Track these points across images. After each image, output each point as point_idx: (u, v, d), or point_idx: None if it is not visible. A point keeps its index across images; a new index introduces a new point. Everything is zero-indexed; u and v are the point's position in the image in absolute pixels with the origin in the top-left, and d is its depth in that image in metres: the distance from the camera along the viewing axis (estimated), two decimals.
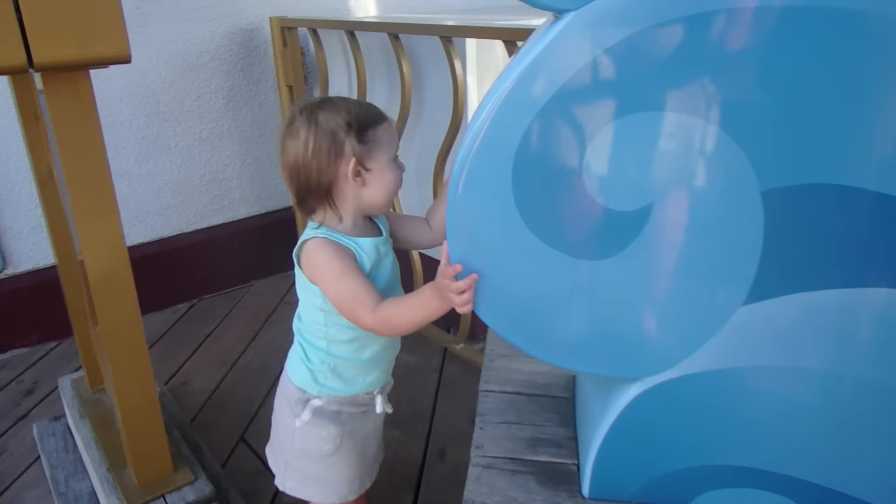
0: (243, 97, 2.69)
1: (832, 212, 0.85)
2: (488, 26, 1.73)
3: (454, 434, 1.88)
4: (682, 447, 1.01)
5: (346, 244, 1.08)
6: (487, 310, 0.95)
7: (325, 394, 1.15)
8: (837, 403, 0.95)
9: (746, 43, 0.80)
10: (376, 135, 1.07)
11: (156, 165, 2.55)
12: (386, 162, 1.08)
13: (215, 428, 1.92)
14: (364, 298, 1.03)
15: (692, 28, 0.80)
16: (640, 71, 0.82)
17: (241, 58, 2.64)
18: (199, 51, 2.53)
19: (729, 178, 0.85)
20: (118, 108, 2.41)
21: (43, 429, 1.82)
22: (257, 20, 2.63)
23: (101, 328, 1.29)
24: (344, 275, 1.05)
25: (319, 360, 1.14)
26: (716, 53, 0.80)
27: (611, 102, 0.83)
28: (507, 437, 1.19)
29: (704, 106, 0.82)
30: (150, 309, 2.59)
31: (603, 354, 0.96)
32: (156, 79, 2.47)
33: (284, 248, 2.88)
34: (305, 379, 1.16)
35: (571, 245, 0.90)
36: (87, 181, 1.19)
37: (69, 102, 1.14)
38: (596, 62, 0.82)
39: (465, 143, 0.88)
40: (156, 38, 2.43)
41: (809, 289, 0.90)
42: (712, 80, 0.81)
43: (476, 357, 2.18)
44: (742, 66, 0.81)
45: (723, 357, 0.94)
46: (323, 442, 1.18)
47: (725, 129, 0.83)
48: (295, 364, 1.18)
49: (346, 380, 1.15)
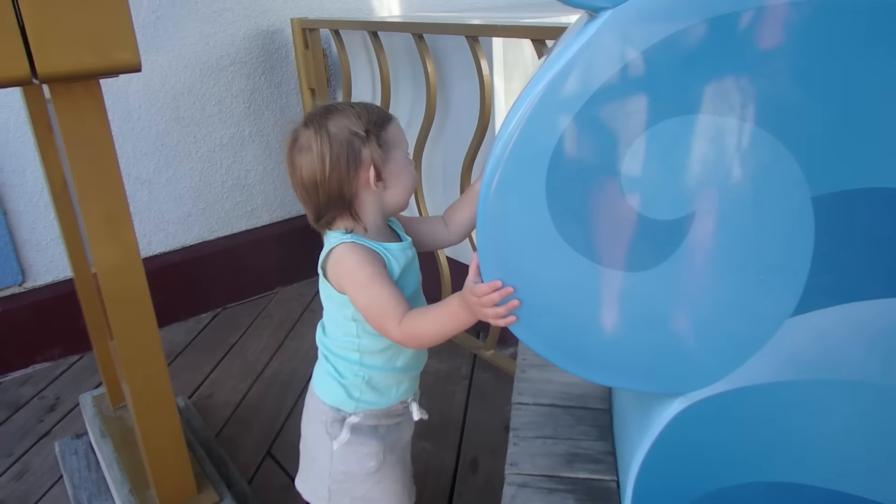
0: (265, 101, 2.69)
1: (885, 217, 0.83)
2: (516, 25, 1.71)
3: (486, 444, 1.87)
4: (727, 464, 0.99)
5: (374, 248, 1.07)
6: (521, 325, 0.94)
7: (361, 409, 1.14)
8: (889, 418, 0.92)
9: (794, 41, 0.77)
10: (389, 135, 1.07)
11: (176, 172, 2.57)
12: (403, 160, 1.09)
13: (241, 442, 1.92)
14: (393, 308, 1.02)
15: (736, 26, 0.77)
16: (680, 72, 0.79)
17: (262, 60, 2.65)
18: (218, 54, 2.54)
19: (778, 185, 0.82)
20: (137, 115, 2.43)
21: (65, 447, 1.84)
22: (278, 22, 2.64)
23: (118, 344, 1.29)
24: (374, 281, 1.03)
25: (353, 373, 1.13)
26: (761, 52, 0.78)
27: (650, 106, 0.81)
28: (543, 454, 1.17)
29: (750, 109, 0.79)
30: (174, 319, 2.61)
31: (644, 370, 0.94)
32: (175, 84, 2.48)
33: (309, 254, 2.90)
34: (339, 396, 1.14)
35: (608, 256, 0.88)
36: (98, 194, 1.19)
37: (78, 113, 1.13)
38: (634, 63, 0.79)
39: (496, 148, 0.86)
40: (175, 43, 2.44)
41: (861, 298, 0.87)
42: (758, 81, 0.79)
43: (507, 363, 2.17)
44: (789, 65, 0.78)
45: (770, 371, 0.92)
46: (366, 460, 1.16)
47: (773, 133, 0.80)
48: (325, 382, 1.16)
49: (381, 391, 1.14)
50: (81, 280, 1.70)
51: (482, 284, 0.91)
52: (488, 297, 0.91)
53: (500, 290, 0.90)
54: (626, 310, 0.91)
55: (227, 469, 1.68)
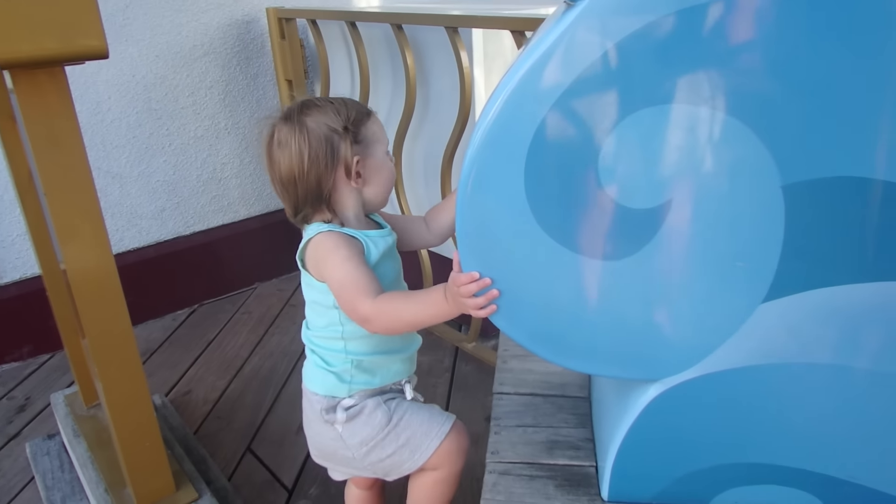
0: (241, 92, 2.72)
1: (854, 205, 0.87)
2: (496, 16, 1.75)
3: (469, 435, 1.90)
4: (702, 447, 1.04)
5: (353, 235, 1.11)
6: (501, 315, 0.98)
7: (355, 390, 1.17)
8: (859, 399, 0.97)
9: (763, 31, 0.81)
10: (368, 131, 1.11)
11: (149, 166, 2.58)
12: (382, 156, 1.13)
13: (221, 439, 1.96)
14: (366, 285, 1.06)
15: (707, 16, 0.81)
16: (655, 62, 0.83)
17: (238, 51, 2.67)
18: (192, 44, 2.56)
19: (749, 173, 0.87)
20: (107, 107, 2.44)
21: (37, 448, 1.84)
22: (254, 11, 2.66)
23: (90, 341, 1.29)
24: (348, 261, 1.07)
25: (340, 361, 1.17)
26: (732, 43, 0.82)
27: (625, 95, 0.85)
28: (524, 441, 1.22)
29: (722, 98, 0.84)
30: (150, 316, 2.63)
31: (622, 357, 0.99)
32: (147, 74, 2.49)
33: (287, 249, 2.91)
34: (331, 384, 1.18)
35: (586, 245, 0.92)
36: (66, 187, 1.17)
37: (42, 102, 1.10)
38: (611, 53, 0.83)
39: (475, 139, 0.90)
40: (146, 32, 2.45)
41: (831, 284, 0.92)
42: (730, 71, 0.83)
43: (489, 355, 2.22)
44: (760, 56, 0.82)
45: (743, 355, 0.97)
46: (371, 418, 1.18)
47: (745, 122, 0.84)
48: (315, 374, 1.20)
49: (373, 372, 1.18)
50: (50, 277, 1.68)
51: (461, 274, 0.96)
52: (466, 287, 0.95)
53: (478, 280, 0.95)
54: (603, 298, 0.95)
55: (206, 466, 1.71)
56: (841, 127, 0.84)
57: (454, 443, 1.22)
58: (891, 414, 0.97)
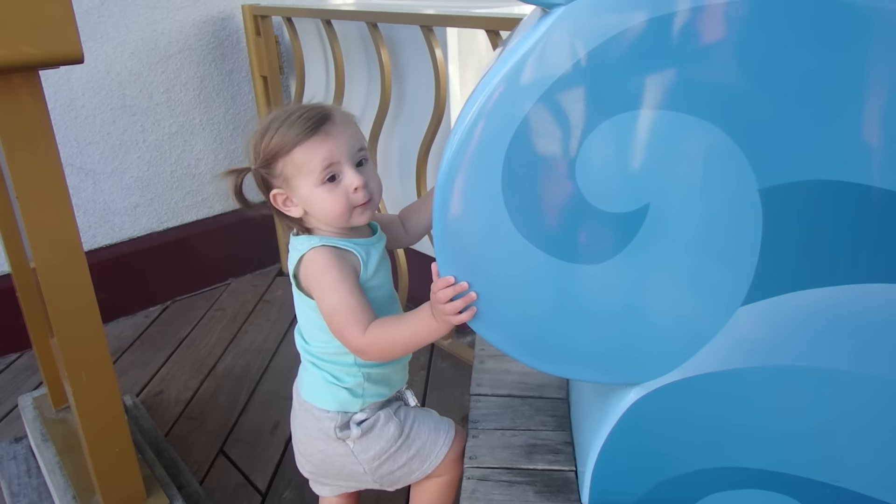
0: (215, 89, 2.66)
1: (832, 208, 0.86)
2: (471, 15, 1.72)
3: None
4: (683, 451, 1.02)
5: (346, 247, 1.06)
6: (478, 319, 0.95)
7: (368, 402, 1.14)
8: (839, 400, 0.96)
9: (742, 37, 0.79)
10: (290, 163, 1.03)
11: (123, 162, 2.52)
12: (310, 188, 1.03)
13: (193, 441, 1.90)
14: (358, 314, 1.01)
15: (682, 22, 0.79)
16: (631, 68, 0.81)
17: (213, 47, 2.61)
18: (167, 41, 2.50)
19: (727, 178, 0.85)
20: (80, 104, 2.38)
21: (3, 452, 1.78)
22: (229, 8, 2.60)
23: (59, 341, 1.25)
24: (341, 284, 1.03)
25: (352, 375, 1.12)
26: (708, 49, 0.80)
27: (603, 101, 0.82)
28: (502, 446, 1.19)
29: (699, 104, 0.82)
30: (121, 314, 2.57)
31: (602, 361, 0.96)
32: (121, 71, 2.43)
33: (262, 245, 2.90)
34: (344, 399, 1.13)
35: (564, 249, 0.89)
36: (37, 187, 1.15)
37: (15, 106, 1.09)
38: (587, 59, 0.81)
39: (452, 143, 0.87)
40: (120, 29, 2.39)
41: (809, 287, 0.90)
42: (706, 77, 0.81)
43: (465, 352, 2.19)
44: (735, 61, 0.81)
45: (723, 359, 0.95)
46: (384, 431, 1.14)
47: (722, 127, 0.82)
48: (323, 390, 1.14)
49: (384, 382, 1.15)
50: (20, 275, 1.65)
51: (437, 280, 0.92)
52: (443, 292, 0.91)
53: (455, 286, 0.91)
54: (581, 302, 0.92)
55: (177, 470, 1.66)
56: (817, 131, 0.83)
57: (458, 448, 1.20)
58: (870, 416, 0.96)
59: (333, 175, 1.03)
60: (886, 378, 0.93)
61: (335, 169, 1.03)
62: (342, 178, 1.03)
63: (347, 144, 1.03)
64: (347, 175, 1.03)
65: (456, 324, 0.94)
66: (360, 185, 1.02)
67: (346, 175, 1.03)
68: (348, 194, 1.03)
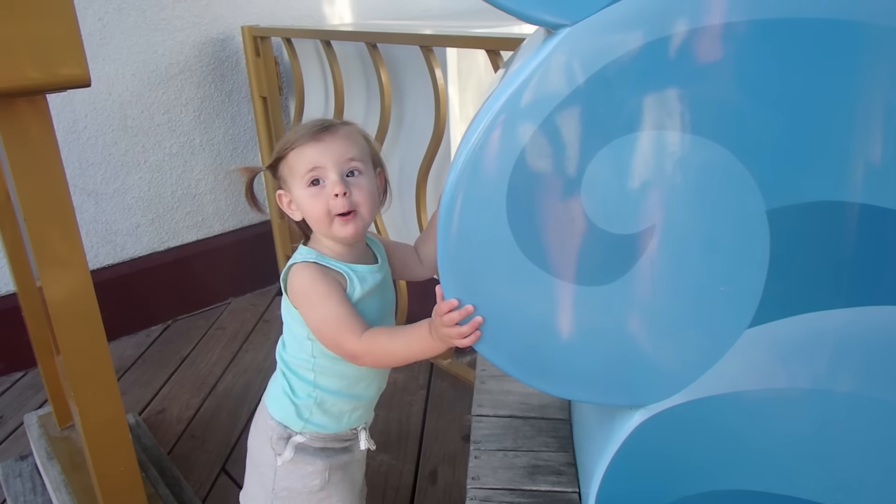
0: (215, 109, 2.64)
1: (839, 230, 0.84)
2: (470, 35, 1.71)
3: (446, 455, 1.85)
4: (689, 474, 1.00)
5: (337, 268, 1.04)
6: (483, 342, 0.92)
7: (308, 430, 1.12)
8: (844, 423, 0.93)
9: (745, 57, 0.78)
10: (286, 165, 1.05)
11: (124, 183, 2.50)
12: (298, 190, 1.04)
13: (195, 459, 1.87)
14: (351, 323, 1.00)
15: (691, 44, 0.77)
16: (635, 89, 0.79)
17: (213, 69, 2.60)
18: (167, 62, 2.49)
19: (734, 199, 0.83)
20: (83, 125, 2.36)
21: (8, 469, 1.76)
22: (229, 29, 2.59)
23: (64, 361, 1.24)
24: (328, 298, 1.01)
25: (306, 393, 1.11)
26: (713, 71, 0.78)
27: (607, 123, 0.81)
28: (504, 466, 1.16)
29: (706, 124, 0.80)
30: (123, 333, 2.54)
31: (607, 383, 0.94)
32: (122, 92, 2.42)
33: (262, 264, 2.88)
34: (288, 413, 1.12)
35: (569, 271, 0.87)
36: (44, 210, 1.14)
37: (23, 130, 1.08)
38: (591, 81, 0.79)
39: (457, 165, 0.85)
40: (122, 51, 2.38)
41: (816, 309, 0.88)
42: (711, 98, 0.79)
43: (464, 372, 2.16)
44: (741, 81, 0.79)
45: (729, 381, 0.92)
46: (310, 478, 1.14)
47: (729, 148, 0.81)
48: (277, 397, 1.14)
49: (333, 416, 1.12)
50: (26, 294, 1.64)
51: (442, 303, 0.90)
52: (449, 316, 0.89)
53: (460, 308, 0.89)
54: (587, 324, 0.90)
55: (180, 489, 1.63)
56: (822, 153, 0.81)
57: None
58: (876, 439, 0.94)
59: (317, 179, 1.03)
60: (892, 401, 0.91)
61: (319, 174, 1.02)
62: (325, 184, 1.02)
63: (337, 152, 1.03)
64: (330, 180, 1.02)
65: (459, 346, 0.92)
66: (341, 192, 1.01)
67: (329, 181, 1.02)
68: (329, 200, 1.02)
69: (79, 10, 1.02)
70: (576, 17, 0.77)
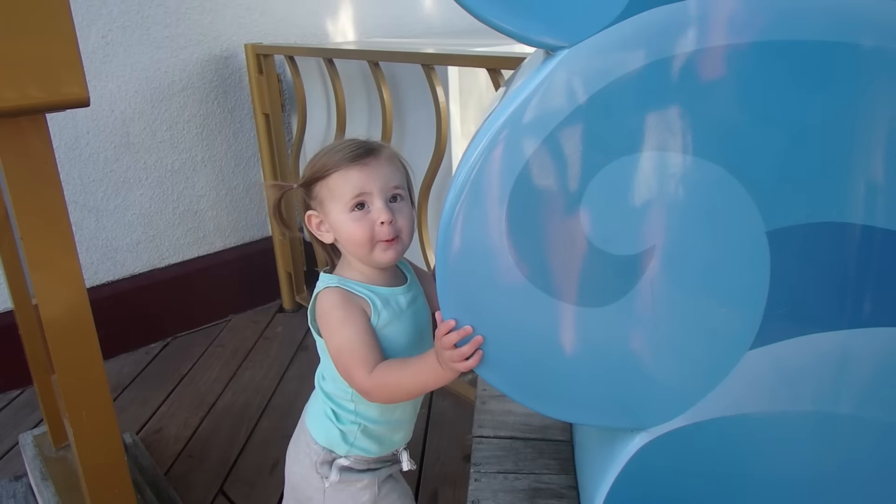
0: (218, 126, 2.65)
1: (840, 251, 0.84)
2: (472, 54, 1.72)
3: (447, 475, 1.84)
4: (690, 497, 0.99)
5: (360, 293, 1.03)
6: (482, 363, 0.91)
7: (353, 454, 1.11)
8: (846, 445, 0.93)
9: (748, 81, 0.78)
10: (325, 186, 1.03)
11: (126, 199, 2.51)
12: (338, 213, 1.03)
13: (192, 479, 1.86)
14: (364, 356, 0.98)
15: (689, 66, 0.77)
16: (634, 111, 0.79)
17: (216, 86, 2.61)
18: (170, 79, 2.50)
19: (734, 220, 0.82)
20: (85, 142, 2.37)
21: (2, 490, 1.74)
22: (232, 47, 2.61)
23: (60, 380, 1.23)
24: (345, 325, 1.00)
25: (349, 421, 1.09)
26: (712, 92, 0.78)
27: (607, 143, 0.80)
28: (505, 489, 1.15)
29: (706, 145, 0.80)
30: (122, 350, 2.53)
31: (608, 406, 0.93)
32: (125, 109, 2.43)
33: (262, 281, 2.87)
34: (334, 438, 1.10)
35: (569, 292, 0.87)
36: (41, 228, 1.14)
37: (21, 148, 1.08)
38: (590, 101, 0.79)
39: (454, 187, 0.84)
40: (125, 69, 2.39)
41: (818, 330, 0.87)
42: (710, 120, 0.79)
43: (466, 390, 2.15)
44: (742, 103, 0.79)
45: (731, 403, 0.92)
46: (360, 494, 1.12)
47: (728, 169, 0.80)
48: (321, 423, 1.12)
49: (377, 440, 1.11)
50: (22, 311, 1.63)
51: (441, 325, 0.89)
52: (447, 337, 0.88)
53: (459, 330, 0.88)
54: (587, 346, 0.89)
55: None
56: (824, 173, 0.81)
57: None
58: (877, 461, 0.93)
59: (362, 203, 1.02)
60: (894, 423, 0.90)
61: (365, 199, 1.02)
62: (370, 210, 1.02)
63: (383, 178, 1.02)
64: (376, 207, 1.02)
65: (462, 370, 0.91)
66: (387, 220, 1.01)
67: (375, 207, 1.02)
68: (374, 226, 1.01)
69: (82, 27, 1.03)
70: (574, 39, 0.77)
